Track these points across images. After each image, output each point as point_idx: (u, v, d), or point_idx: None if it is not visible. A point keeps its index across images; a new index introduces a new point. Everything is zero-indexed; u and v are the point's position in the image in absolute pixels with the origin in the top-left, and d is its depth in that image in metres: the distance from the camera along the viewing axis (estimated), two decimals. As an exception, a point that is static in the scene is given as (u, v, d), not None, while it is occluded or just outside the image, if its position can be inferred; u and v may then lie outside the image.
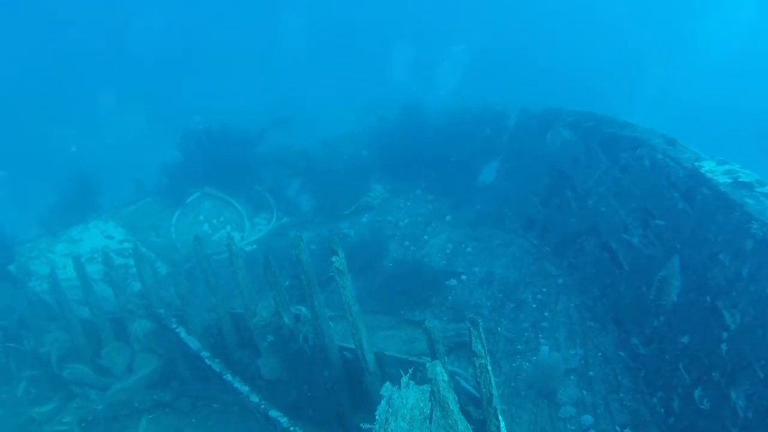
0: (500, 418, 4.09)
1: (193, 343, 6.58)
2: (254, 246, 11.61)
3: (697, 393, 5.37)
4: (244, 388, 6.14)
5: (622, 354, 6.58)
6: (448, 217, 11.36)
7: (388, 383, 3.55)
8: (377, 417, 3.42)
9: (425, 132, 13.82)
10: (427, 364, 3.65)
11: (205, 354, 6.44)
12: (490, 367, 4.18)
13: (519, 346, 7.15)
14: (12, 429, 7.32)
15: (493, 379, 4.16)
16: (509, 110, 12.77)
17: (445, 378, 3.67)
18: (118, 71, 29.83)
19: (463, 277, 8.94)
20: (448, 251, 9.96)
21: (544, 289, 8.27)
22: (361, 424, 3.48)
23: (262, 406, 5.91)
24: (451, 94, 15.86)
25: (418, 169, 13.37)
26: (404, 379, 3.56)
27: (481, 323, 4.27)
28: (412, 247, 10.36)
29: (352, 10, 36.04)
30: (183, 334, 6.63)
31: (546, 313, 7.69)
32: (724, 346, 5.19)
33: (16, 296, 8.65)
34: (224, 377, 6.27)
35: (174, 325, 6.71)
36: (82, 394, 7.19)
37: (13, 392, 7.59)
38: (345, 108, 17.96)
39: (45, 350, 7.32)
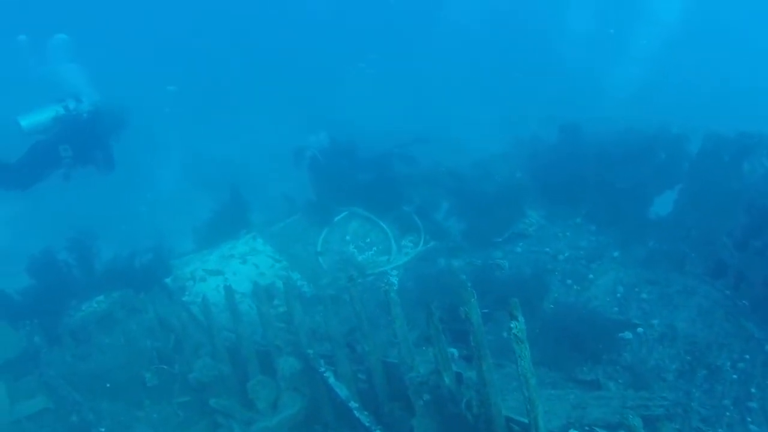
0: None
1: (342, 391, 6.10)
2: (401, 270, 11.09)
3: None
4: (395, 449, 5.54)
5: None
6: (615, 253, 10.10)
7: None
8: None
9: (587, 152, 12.61)
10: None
11: (354, 405, 5.93)
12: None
13: (720, 430, 5.92)
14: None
15: None
16: (690, 131, 11.27)
17: None
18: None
19: (640, 329, 7.75)
20: (618, 295, 8.78)
21: (747, 356, 6.89)
22: None
23: (415, 474, 5.28)
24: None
25: (578, 194, 12.15)
26: None
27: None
28: (575, 287, 9.26)
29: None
30: (331, 380, 6.18)
31: (753, 389, 6.35)
32: None
33: (172, 311, 8.78)
34: (373, 433, 5.71)
35: (322, 368, 6.28)
36: (226, 425, 6.99)
37: (165, 413, 7.60)
38: (503, 116, 16.73)
39: (194, 376, 7.22)
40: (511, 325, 4.49)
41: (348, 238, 11.69)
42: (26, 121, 9.91)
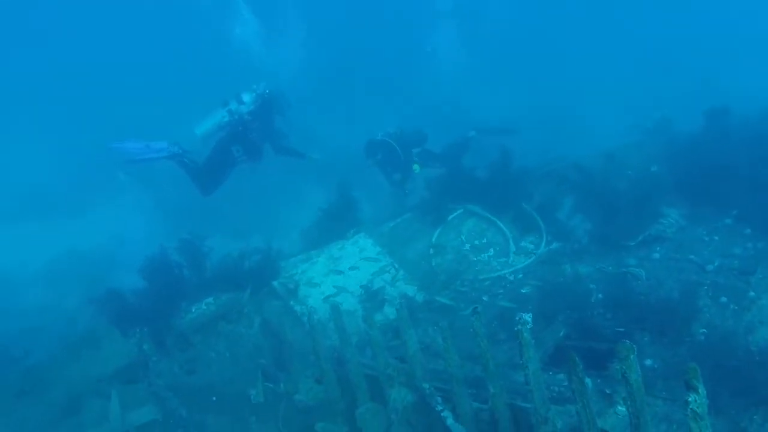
0: None
1: (461, 434, 5.36)
2: (520, 275, 10.13)
3: None
4: None
5: None
6: (780, 265, 8.56)
7: None
8: None
9: (738, 141, 10.97)
10: None
11: (476, 454, 5.18)
12: None
13: None
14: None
15: None
16: None
17: None
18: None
19: (825, 369, 6.38)
20: (790, 320, 7.36)
21: None
22: None
23: None
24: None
25: (728, 190, 10.51)
26: None
27: None
28: (732, 306, 7.88)
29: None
30: (450, 421, 5.44)
31: None
32: None
33: (279, 321, 8.45)
34: (498, 491, 4.94)
35: (440, 407, 5.56)
36: (334, 452, 6.50)
37: (270, 432, 7.26)
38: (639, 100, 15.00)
39: (299, 398, 6.78)
40: (689, 399, 3.53)
41: (463, 237, 10.87)
42: (200, 129, 10.92)
